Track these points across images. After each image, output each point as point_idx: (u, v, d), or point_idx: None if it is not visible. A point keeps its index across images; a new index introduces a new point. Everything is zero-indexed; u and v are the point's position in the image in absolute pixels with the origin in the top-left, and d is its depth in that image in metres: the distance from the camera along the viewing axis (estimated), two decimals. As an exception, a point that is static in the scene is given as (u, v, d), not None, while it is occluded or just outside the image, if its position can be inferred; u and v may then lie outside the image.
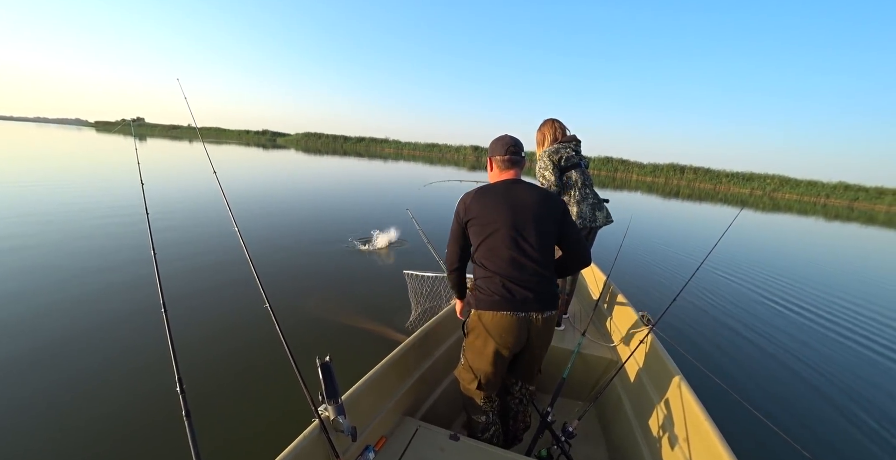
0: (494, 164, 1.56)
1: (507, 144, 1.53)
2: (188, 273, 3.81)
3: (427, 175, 20.72)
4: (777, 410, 2.62)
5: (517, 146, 1.54)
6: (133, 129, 3.12)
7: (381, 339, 2.91)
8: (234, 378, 2.40)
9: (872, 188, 41.31)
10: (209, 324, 2.95)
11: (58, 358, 2.46)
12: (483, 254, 1.44)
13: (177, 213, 6.14)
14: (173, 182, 9.66)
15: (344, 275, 4.16)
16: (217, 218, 5.98)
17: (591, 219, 2.31)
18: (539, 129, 2.44)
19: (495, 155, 1.55)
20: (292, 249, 4.81)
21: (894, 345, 3.96)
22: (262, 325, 2.83)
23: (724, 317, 4.15)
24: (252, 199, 8.00)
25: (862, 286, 6.30)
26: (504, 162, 1.53)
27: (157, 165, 13.51)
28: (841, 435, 2.44)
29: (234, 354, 2.62)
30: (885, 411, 2.74)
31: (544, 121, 2.44)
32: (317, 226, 6.19)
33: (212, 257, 4.29)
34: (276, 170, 15.86)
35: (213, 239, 4.93)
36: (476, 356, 1.47)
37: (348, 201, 9.13)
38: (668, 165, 49.71)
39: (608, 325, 2.57)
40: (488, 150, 1.60)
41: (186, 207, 6.71)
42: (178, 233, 5.09)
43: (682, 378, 1.63)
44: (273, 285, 3.63)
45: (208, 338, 2.77)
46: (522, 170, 1.58)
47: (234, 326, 2.94)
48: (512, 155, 1.52)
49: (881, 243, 12.80)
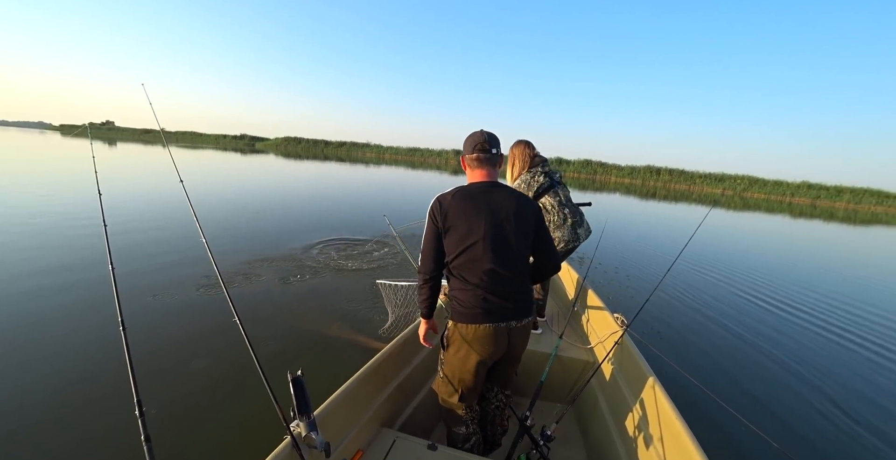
0: (466, 163, 1.50)
1: (475, 142, 1.44)
2: (151, 288, 3.62)
3: (408, 179, 20.69)
4: (749, 404, 2.70)
5: (488, 142, 1.43)
6: (90, 134, 2.65)
7: (358, 349, 2.87)
8: (201, 397, 2.30)
9: (832, 187, 43.63)
10: (174, 342, 2.81)
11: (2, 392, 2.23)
12: (462, 266, 1.38)
13: (139, 224, 5.82)
14: (137, 190, 9.21)
15: (318, 284, 4.06)
16: (184, 228, 5.71)
17: (574, 238, 2.36)
18: (511, 150, 2.46)
19: (465, 153, 1.48)
20: (264, 259, 4.66)
21: (861, 334, 4.17)
22: (231, 341, 2.74)
23: (698, 314, 4.27)
24: (222, 208, 7.70)
25: (827, 279, 6.61)
26: (473, 160, 1.45)
27: (121, 172, 12.83)
28: (811, 427, 2.53)
29: (202, 372, 2.51)
30: (854, 401, 2.86)
31: (516, 142, 2.46)
32: (290, 234, 6.00)
33: (177, 270, 4.11)
34: (251, 176, 15.36)
35: (179, 251, 4.72)
36: (457, 369, 1.45)
37: (325, 207, 8.97)
38: (645, 167, 51.11)
39: (585, 327, 2.61)
40: (462, 149, 1.52)
41: (150, 218, 6.39)
42: (140, 245, 4.84)
43: (656, 378, 1.67)
44: (243, 298, 3.51)
45: (173, 356, 2.65)
46: (498, 169, 1.51)
47: (200, 343, 2.82)
48: (480, 153, 1.43)
49: (842, 238, 13.52)
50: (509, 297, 1.38)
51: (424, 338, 1.63)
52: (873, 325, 4.52)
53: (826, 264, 8.23)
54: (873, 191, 42.59)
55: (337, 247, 5.42)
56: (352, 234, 6.13)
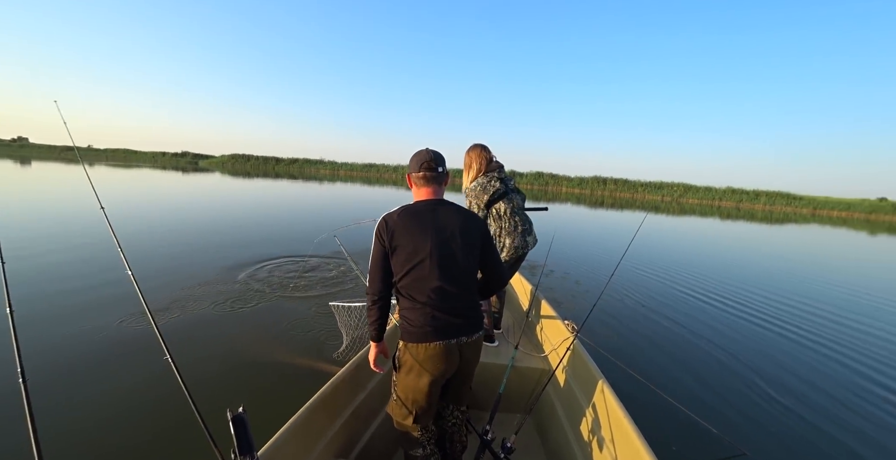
0: (413, 181, 1.50)
1: (422, 160, 1.46)
2: (63, 329, 3.17)
3: (363, 196, 20.42)
4: (693, 395, 2.87)
5: (435, 161, 1.45)
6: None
7: (310, 375, 2.70)
8: (129, 448, 2.04)
9: (751, 191, 49.18)
10: (94, 389, 2.46)
11: None
12: (409, 285, 1.37)
13: (49, 258, 5.07)
14: (48, 217, 8.01)
15: (265, 309, 3.80)
16: (107, 259, 5.07)
17: (523, 245, 2.40)
18: (467, 153, 2.48)
19: (412, 171, 1.48)
20: (202, 286, 4.28)
21: (786, 320, 4.60)
22: (164, 381, 2.42)
23: (644, 313, 4.53)
24: (154, 232, 6.95)
25: (753, 273, 7.30)
26: (420, 179, 1.46)
27: (29, 196, 11.40)
28: (750, 411, 2.72)
29: (129, 419, 2.23)
30: (788, 383, 3.12)
31: (472, 146, 2.48)
32: (234, 257, 5.59)
33: (96, 307, 3.62)
34: (190, 196, 14.13)
35: (100, 285, 4.19)
36: (410, 390, 1.42)
37: (273, 227, 8.45)
38: (593, 178, 54.50)
39: (539, 335, 2.68)
40: (408, 167, 1.52)
41: (66, 248, 5.61)
42: (49, 282, 4.22)
43: (605, 381, 1.74)
44: (177, 331, 3.18)
45: (92, 406, 2.32)
46: (444, 186, 1.53)
47: (127, 387, 2.50)
48: (426, 171, 1.45)
49: (762, 236, 15.10)
50: (459, 314, 1.39)
51: (374, 363, 1.58)
52: (795, 311, 5.04)
53: (751, 259, 9.12)
54: (783, 194, 48.59)
55: (286, 270, 5.15)
56: (302, 255, 5.88)
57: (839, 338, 4.30)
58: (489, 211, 2.40)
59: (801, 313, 5.11)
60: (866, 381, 3.30)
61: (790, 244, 13.63)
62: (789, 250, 11.90)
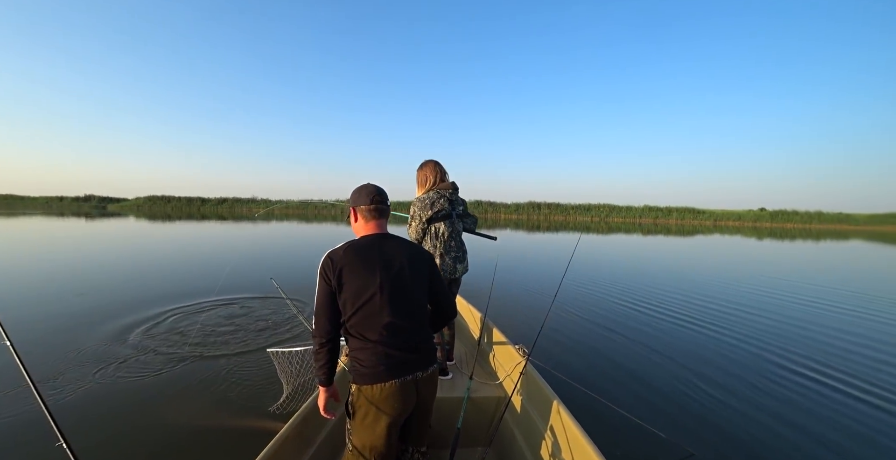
0: (359, 214, 1.48)
1: (371, 193, 1.47)
2: None
3: (300, 234, 19.52)
4: (646, 403, 2.97)
5: (382, 195, 1.49)
6: None
7: (249, 436, 2.39)
8: None
9: (664, 208, 55.53)
10: None
11: None
12: (359, 323, 1.32)
13: None
14: None
15: (190, 367, 3.32)
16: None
17: (452, 271, 2.40)
18: (421, 169, 2.46)
19: (360, 204, 1.47)
20: (100, 353, 3.59)
21: (716, 323, 5.02)
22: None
23: (589, 328, 4.74)
24: (37, 293, 5.81)
25: (678, 280, 8.05)
26: (370, 211, 1.46)
27: None
28: (698, 412, 2.87)
29: None
30: (727, 383, 3.33)
31: (426, 162, 2.47)
32: (149, 310, 4.92)
33: None
34: (91, 246, 12.28)
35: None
36: (367, 437, 1.32)
37: (198, 273, 7.62)
38: (528, 203, 57.89)
39: (492, 363, 2.67)
40: (350, 200, 1.52)
41: None
42: None
43: (559, 401, 1.76)
44: (71, 411, 2.62)
45: None
46: (388, 220, 1.54)
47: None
48: (378, 204, 1.46)
49: (679, 247, 17.00)
50: (412, 348, 1.35)
51: (325, 409, 1.47)
52: (716, 312, 5.58)
53: (673, 268, 10.11)
54: (690, 209, 55.43)
55: (216, 319, 4.62)
56: (234, 302, 5.38)
57: (757, 332, 4.82)
58: (428, 227, 2.40)
59: (722, 312, 5.69)
60: (783, 369, 3.69)
61: (701, 253, 15.45)
62: (701, 258, 13.47)
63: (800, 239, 26.61)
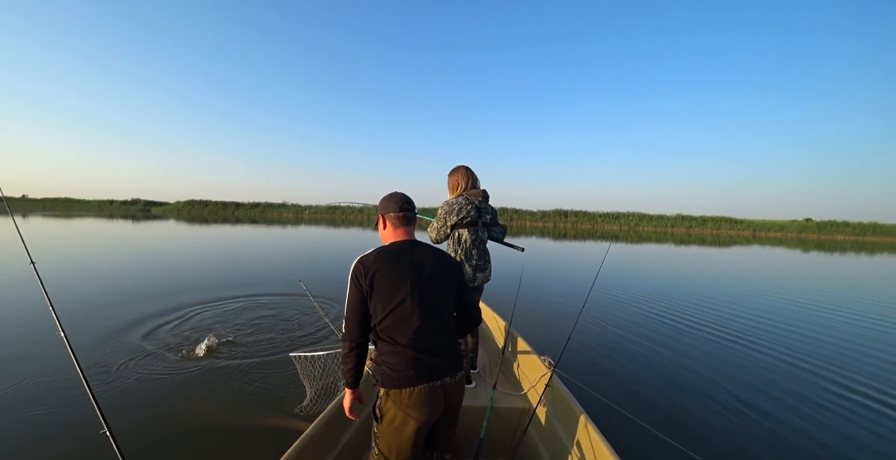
0: (388, 222, 1.52)
1: (399, 201, 1.51)
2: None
3: (328, 238, 20.00)
4: (676, 420, 2.83)
5: (410, 203, 1.53)
6: None
7: (276, 435, 2.44)
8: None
9: (699, 217, 53.16)
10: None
11: None
12: (389, 327, 1.34)
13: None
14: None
15: (217, 368, 3.43)
16: (35, 320, 4.49)
17: (472, 279, 2.38)
18: (452, 174, 2.48)
19: (388, 212, 1.51)
20: (146, 346, 3.84)
21: (759, 337, 4.72)
22: (102, 458, 2.13)
23: (618, 341, 4.56)
24: (92, 290, 6.24)
25: (715, 292, 7.64)
26: (398, 219, 1.50)
27: None
28: (734, 434, 2.70)
29: None
30: (769, 405, 3.12)
31: (457, 167, 2.48)
32: (183, 310, 5.14)
33: (22, 374, 3.18)
34: (139, 246, 13.09)
35: (25, 349, 3.70)
36: (393, 441, 1.33)
37: (230, 275, 7.91)
38: (554, 211, 56.89)
39: (517, 373, 2.61)
40: (378, 208, 1.56)
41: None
42: None
43: (587, 417, 1.70)
44: (115, 401, 2.80)
45: None
46: (415, 227, 1.57)
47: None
48: (406, 212, 1.50)
49: (716, 258, 16.17)
50: (441, 354, 1.37)
51: (350, 411, 1.50)
52: (759, 326, 5.25)
53: (709, 279, 9.61)
54: (727, 219, 52.79)
55: (244, 319, 4.80)
56: (261, 304, 5.55)
57: (799, 347, 4.51)
58: (452, 232, 2.39)
59: (764, 329, 5.36)
60: (837, 395, 3.41)
61: (739, 264, 14.62)
62: (739, 270, 12.73)
63: (851, 252, 24.72)
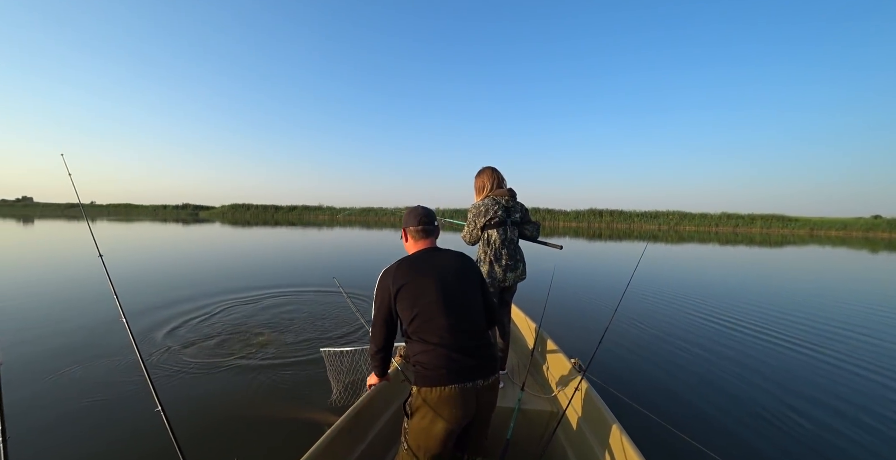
0: (409, 235, 1.62)
1: (419, 215, 1.60)
2: (49, 377, 3.08)
3: (361, 239, 20.51)
4: (714, 429, 2.68)
5: (430, 216, 1.62)
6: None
7: (305, 426, 2.53)
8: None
9: (746, 215, 49.62)
10: (81, 440, 2.35)
11: None
12: (419, 328, 1.40)
13: (42, 309, 5.04)
14: (47, 269, 8.06)
15: (255, 359, 3.63)
16: (102, 310, 4.99)
17: (502, 279, 2.37)
18: (478, 176, 2.50)
19: (409, 226, 1.61)
20: (188, 336, 4.15)
21: (813, 342, 4.42)
22: (154, 434, 2.35)
23: (653, 345, 4.38)
24: (151, 284, 6.86)
25: (764, 294, 7.13)
26: (418, 232, 1.59)
27: (33, 250, 11.47)
28: (777, 446, 2.53)
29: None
30: (822, 416, 2.90)
31: (483, 168, 2.50)
32: (227, 304, 5.48)
33: (87, 357, 3.53)
34: (190, 247, 14.11)
35: (92, 333, 4.12)
36: (422, 438, 1.36)
37: (268, 274, 8.32)
38: (588, 210, 55.17)
39: (545, 375, 2.58)
40: (402, 222, 1.65)
41: (58, 298, 5.58)
42: (37, 329, 4.18)
43: (619, 423, 1.66)
44: (168, 382, 3.08)
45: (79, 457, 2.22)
46: (436, 238, 1.65)
47: (116, 439, 2.38)
48: (425, 225, 1.59)
49: (765, 258, 15.06)
50: (473, 353, 1.39)
51: (370, 384, 1.80)
52: (813, 330, 4.85)
53: (758, 281, 8.96)
54: (778, 217, 48.94)
55: (279, 315, 5.03)
56: (297, 300, 5.80)
57: (867, 356, 4.13)
58: (482, 234, 2.40)
59: (824, 332, 4.97)
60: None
61: (795, 265, 13.55)
62: (793, 270, 11.79)
63: (928, 252, 22.26)
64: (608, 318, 2.46)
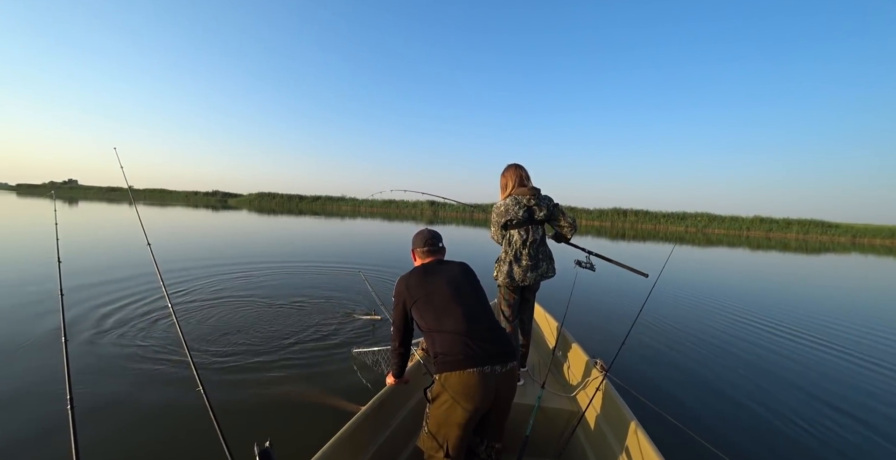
0: (417, 256, 1.82)
1: (425, 238, 1.80)
2: (103, 359, 3.31)
3: (383, 232, 20.77)
4: (736, 437, 2.62)
5: (434, 239, 1.81)
6: (54, 195, 2.94)
7: (332, 412, 2.65)
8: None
9: (781, 219, 47.10)
10: (127, 415, 2.53)
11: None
12: (436, 318, 1.52)
13: (97, 291, 5.32)
14: (97, 254, 8.45)
15: (288, 347, 3.75)
16: (148, 293, 5.27)
17: (521, 279, 2.34)
18: (502, 175, 2.49)
19: (416, 248, 1.81)
20: (229, 323, 4.34)
21: (856, 351, 4.21)
22: (194, 412, 2.50)
23: (677, 348, 4.29)
24: (189, 269, 7.15)
25: (798, 300, 6.84)
26: (424, 252, 1.79)
27: (83, 234, 12.19)
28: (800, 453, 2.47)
29: (159, 447, 2.27)
30: (860, 427, 2.82)
31: (507, 167, 2.48)
32: (256, 293, 5.70)
33: (139, 337, 3.78)
34: (222, 233, 14.68)
35: (141, 316, 4.39)
36: (442, 421, 1.43)
37: (297, 266, 8.40)
38: (613, 210, 53.67)
39: (566, 374, 2.58)
40: (411, 244, 1.85)
41: (109, 281, 5.89)
42: (95, 312, 4.45)
43: (639, 424, 1.65)
44: (209, 363, 3.27)
45: (127, 433, 2.38)
46: (443, 257, 1.83)
47: (160, 414, 2.55)
48: (430, 247, 1.79)
49: (801, 265, 14.34)
50: (488, 338, 1.46)
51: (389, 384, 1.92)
52: (853, 337, 4.65)
53: (792, 288, 8.58)
54: (817, 222, 46.19)
55: (307, 308, 5.16)
56: (323, 293, 5.95)
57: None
58: (504, 233, 2.40)
59: (858, 340, 4.74)
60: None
61: (834, 273, 12.85)
62: (833, 278, 11.18)
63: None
64: (631, 319, 2.42)
